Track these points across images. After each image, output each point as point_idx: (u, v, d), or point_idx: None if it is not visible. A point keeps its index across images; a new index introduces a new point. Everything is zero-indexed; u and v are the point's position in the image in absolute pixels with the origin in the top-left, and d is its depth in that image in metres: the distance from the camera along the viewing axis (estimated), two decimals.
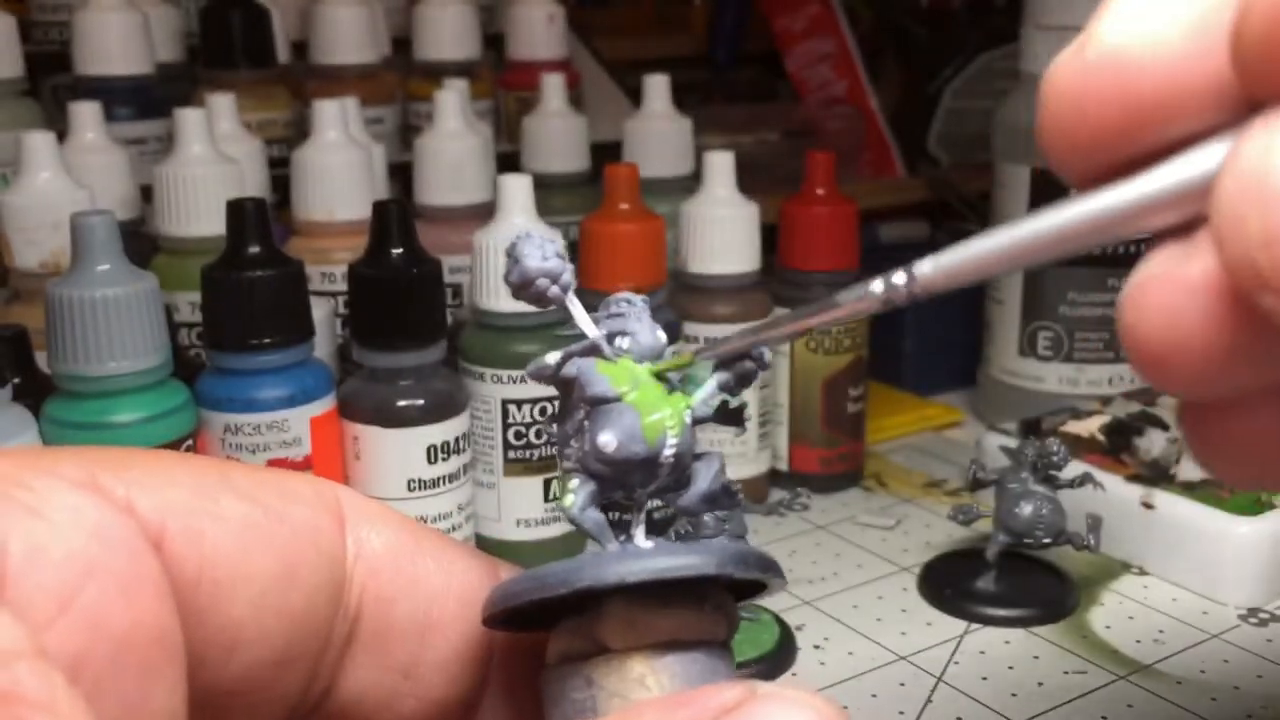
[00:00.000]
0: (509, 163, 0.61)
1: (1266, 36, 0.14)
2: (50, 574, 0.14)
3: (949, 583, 0.47)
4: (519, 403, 0.47)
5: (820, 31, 0.86)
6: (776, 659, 0.43)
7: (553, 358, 0.19)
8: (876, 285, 0.18)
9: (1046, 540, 0.45)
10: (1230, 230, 0.15)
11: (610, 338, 0.19)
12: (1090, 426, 0.54)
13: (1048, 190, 0.60)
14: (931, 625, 0.46)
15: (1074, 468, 0.47)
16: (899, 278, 0.18)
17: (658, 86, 0.62)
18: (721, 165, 0.53)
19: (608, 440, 0.18)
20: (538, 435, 0.47)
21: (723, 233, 0.53)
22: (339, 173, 0.51)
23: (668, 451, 0.18)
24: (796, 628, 0.45)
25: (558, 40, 0.71)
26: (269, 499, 0.18)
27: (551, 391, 0.20)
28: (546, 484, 0.48)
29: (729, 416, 0.20)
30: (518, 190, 0.47)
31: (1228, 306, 0.16)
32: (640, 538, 0.19)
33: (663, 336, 0.19)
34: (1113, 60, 0.16)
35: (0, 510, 0.15)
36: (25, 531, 0.14)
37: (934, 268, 0.18)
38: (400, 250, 0.43)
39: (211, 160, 0.49)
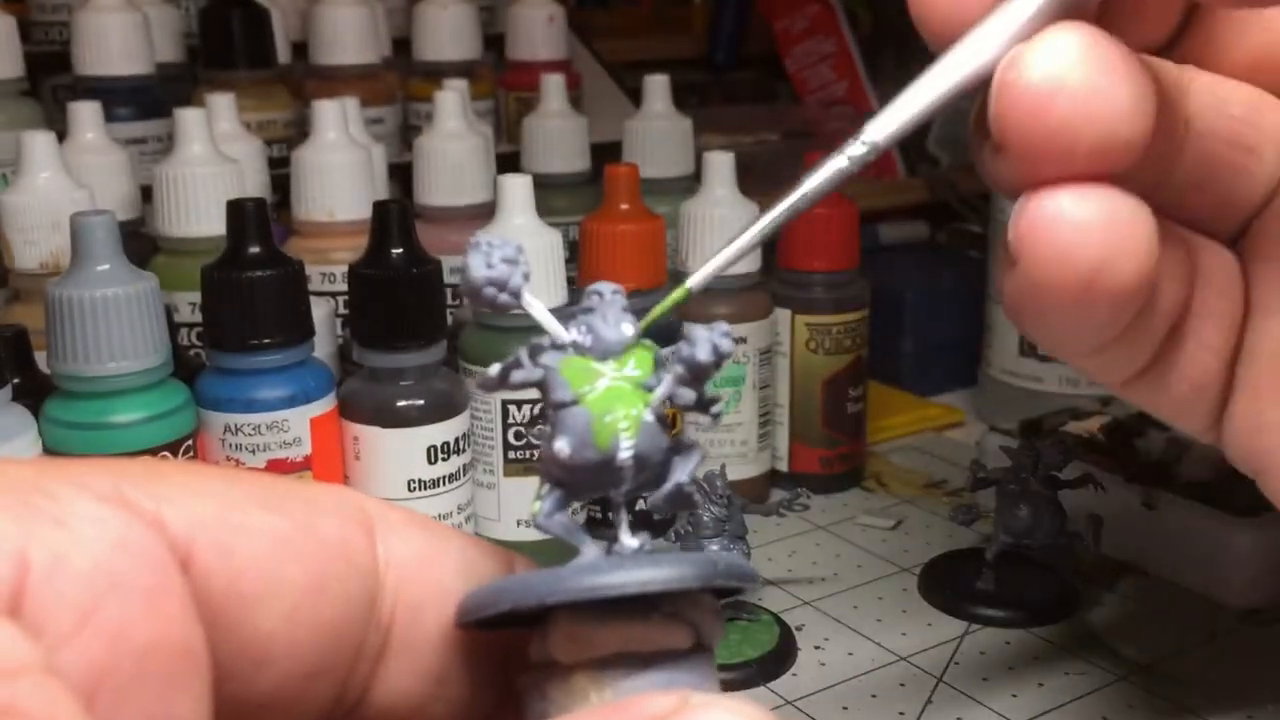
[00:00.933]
0: (509, 163, 0.61)
1: None
2: (72, 585, 0.14)
3: (949, 583, 0.47)
4: (519, 403, 0.47)
5: (820, 32, 0.86)
6: (776, 659, 0.43)
7: (494, 369, 0.18)
8: (839, 160, 0.21)
9: (1047, 541, 0.45)
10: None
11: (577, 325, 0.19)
12: (1091, 427, 0.54)
13: None
14: (932, 626, 0.46)
15: (1074, 468, 0.47)
16: (856, 148, 0.21)
17: (658, 87, 0.62)
18: (721, 166, 0.53)
19: (560, 446, 0.18)
20: (538, 436, 0.47)
21: (723, 233, 0.53)
22: (339, 173, 0.51)
23: (623, 455, 0.18)
24: (796, 628, 0.45)
25: (558, 41, 0.71)
26: (298, 511, 0.18)
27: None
28: None
29: (699, 405, 0.19)
30: (518, 191, 0.47)
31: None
32: (625, 538, 0.19)
33: (628, 330, 0.19)
34: None
35: (23, 519, 0.14)
36: (48, 542, 0.14)
37: (881, 127, 0.21)
38: (400, 250, 0.43)
39: (211, 160, 0.49)
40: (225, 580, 0.16)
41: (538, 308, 0.19)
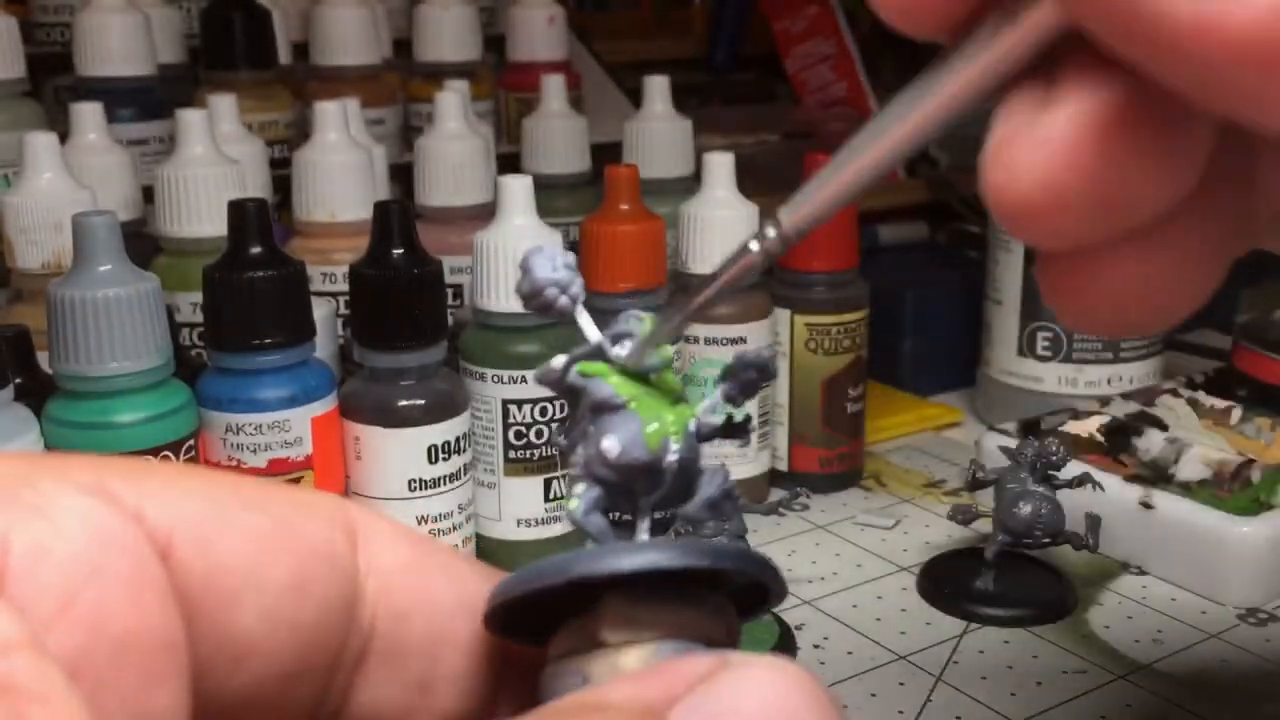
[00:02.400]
0: (509, 164, 0.61)
1: None
2: (52, 573, 0.14)
3: (948, 582, 0.48)
4: (519, 403, 0.47)
5: (820, 33, 0.86)
6: None
7: (559, 362, 0.19)
8: (752, 244, 0.20)
9: (1045, 540, 0.45)
10: None
11: (613, 343, 0.19)
12: (1089, 426, 0.54)
13: None
14: (931, 625, 0.46)
15: (1073, 468, 0.47)
16: (769, 230, 0.20)
17: (658, 88, 0.62)
18: (721, 166, 0.53)
19: (610, 445, 0.18)
20: (538, 435, 0.48)
21: (723, 233, 0.53)
22: (340, 174, 0.51)
23: (670, 458, 0.19)
24: (796, 627, 0.45)
25: (558, 41, 0.72)
26: (282, 512, 0.18)
27: (550, 392, 0.20)
28: (547, 484, 0.48)
29: (733, 430, 0.20)
30: (518, 191, 0.47)
31: (1096, 154, 0.17)
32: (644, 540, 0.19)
33: (668, 351, 0.19)
34: None
35: (5, 509, 0.15)
36: (29, 531, 0.15)
37: (792, 212, 0.19)
38: (401, 251, 0.43)
39: (213, 161, 0.49)
40: (204, 575, 0.16)
41: (586, 317, 0.20)
